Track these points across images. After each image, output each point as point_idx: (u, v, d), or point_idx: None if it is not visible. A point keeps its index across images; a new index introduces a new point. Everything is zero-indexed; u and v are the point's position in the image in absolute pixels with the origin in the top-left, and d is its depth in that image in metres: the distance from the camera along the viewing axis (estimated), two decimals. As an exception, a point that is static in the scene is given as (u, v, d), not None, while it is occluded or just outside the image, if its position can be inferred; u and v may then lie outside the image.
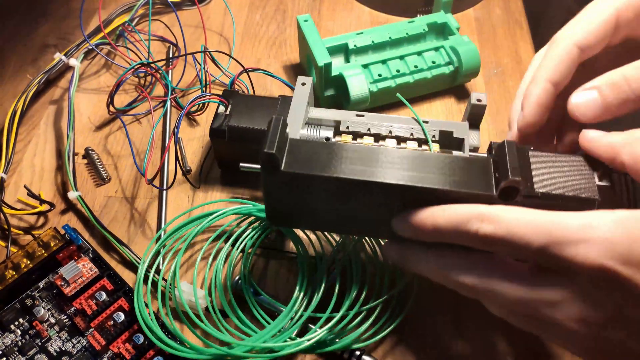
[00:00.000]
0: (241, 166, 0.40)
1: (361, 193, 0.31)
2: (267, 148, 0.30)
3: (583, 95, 0.32)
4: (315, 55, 0.45)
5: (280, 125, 0.31)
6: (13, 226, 0.42)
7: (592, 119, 0.33)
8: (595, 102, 0.32)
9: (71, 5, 0.60)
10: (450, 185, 0.30)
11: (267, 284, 0.40)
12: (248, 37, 0.57)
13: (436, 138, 0.39)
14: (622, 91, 0.31)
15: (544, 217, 0.26)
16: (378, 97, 0.48)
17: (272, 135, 0.31)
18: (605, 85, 0.32)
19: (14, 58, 0.55)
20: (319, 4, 0.60)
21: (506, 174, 0.29)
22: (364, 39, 0.49)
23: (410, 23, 0.51)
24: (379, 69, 0.48)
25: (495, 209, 0.27)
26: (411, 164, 0.31)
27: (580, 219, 0.25)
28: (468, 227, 0.28)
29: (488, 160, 0.31)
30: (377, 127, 0.40)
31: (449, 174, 0.30)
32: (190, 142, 0.48)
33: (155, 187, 0.45)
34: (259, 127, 0.41)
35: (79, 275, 0.38)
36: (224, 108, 0.42)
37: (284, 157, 0.31)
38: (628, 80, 0.31)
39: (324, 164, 0.31)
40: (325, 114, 0.41)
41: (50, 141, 0.49)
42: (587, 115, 0.32)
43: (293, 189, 0.32)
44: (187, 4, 0.59)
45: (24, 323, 0.37)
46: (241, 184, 0.45)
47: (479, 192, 0.29)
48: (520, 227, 0.26)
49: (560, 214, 0.26)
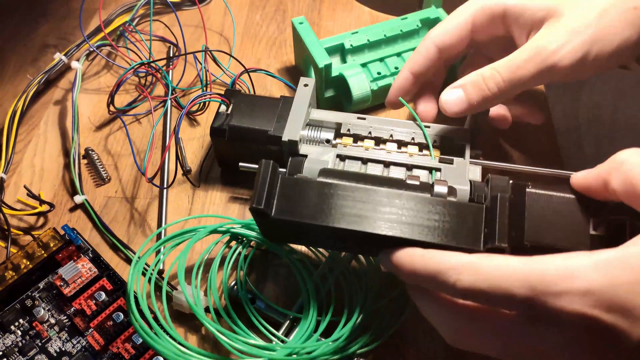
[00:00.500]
0: (241, 166, 0.40)
1: (352, 235, 0.31)
2: (255, 203, 0.31)
3: (451, 93, 0.37)
4: (314, 56, 0.45)
5: (269, 171, 0.32)
6: (13, 226, 0.42)
7: (459, 113, 0.37)
8: (461, 99, 0.37)
9: (71, 5, 0.60)
10: (439, 236, 0.30)
11: (265, 287, 0.40)
12: (248, 37, 0.57)
13: (437, 143, 0.39)
14: (481, 89, 0.36)
15: (525, 266, 0.26)
16: (378, 95, 0.48)
17: (261, 186, 0.31)
18: (468, 84, 0.36)
19: (14, 58, 0.55)
20: (319, 4, 0.60)
21: (493, 237, 0.29)
22: (360, 38, 0.49)
23: (403, 20, 0.51)
24: (377, 67, 0.48)
25: (474, 260, 0.27)
26: (403, 209, 0.31)
27: (560, 267, 0.25)
28: (445, 278, 0.27)
29: (480, 210, 0.31)
30: (378, 130, 0.40)
31: (440, 220, 0.30)
32: (191, 141, 0.48)
33: (155, 185, 0.45)
34: (259, 127, 0.41)
35: (78, 275, 0.38)
36: (225, 107, 0.42)
37: (274, 202, 0.32)
38: (485, 79, 0.36)
39: (315, 209, 0.31)
40: (327, 115, 0.41)
41: (51, 141, 0.49)
42: (454, 110, 0.37)
43: (285, 226, 0.33)
44: (187, 4, 0.59)
45: (24, 324, 0.37)
46: (241, 184, 0.45)
47: (466, 246, 0.30)
48: (502, 279, 0.26)
49: (541, 262, 0.26)
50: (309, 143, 0.40)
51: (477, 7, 0.38)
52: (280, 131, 0.39)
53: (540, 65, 0.34)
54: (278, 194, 0.32)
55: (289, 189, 0.32)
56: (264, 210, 0.31)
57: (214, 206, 0.44)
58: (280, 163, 0.39)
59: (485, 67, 0.36)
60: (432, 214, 0.31)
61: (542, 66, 0.34)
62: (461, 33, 0.39)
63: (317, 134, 0.41)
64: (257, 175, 0.32)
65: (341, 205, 0.31)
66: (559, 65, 0.34)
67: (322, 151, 0.39)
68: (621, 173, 0.28)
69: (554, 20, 0.35)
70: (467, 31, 0.39)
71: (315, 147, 0.40)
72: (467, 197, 0.35)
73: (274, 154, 0.40)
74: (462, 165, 0.38)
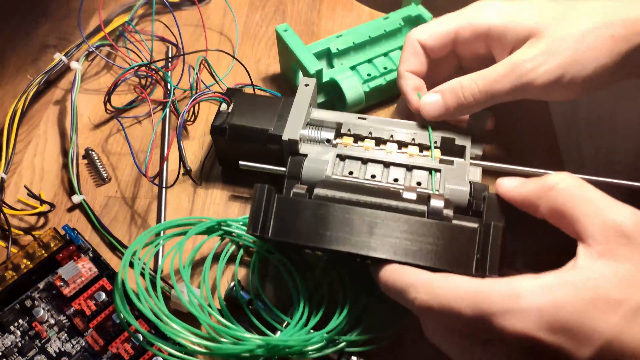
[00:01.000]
0: (241, 164, 0.40)
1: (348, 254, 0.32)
2: (251, 230, 0.32)
3: (430, 98, 0.39)
4: (304, 63, 0.45)
5: (264, 197, 0.32)
6: (13, 226, 0.42)
7: (436, 117, 0.39)
8: (438, 104, 0.39)
9: (71, 5, 0.60)
10: (431, 260, 0.30)
11: (265, 288, 0.40)
12: (248, 37, 0.57)
13: (438, 144, 0.39)
14: (458, 96, 0.38)
15: (474, 287, 0.26)
16: (371, 97, 0.48)
17: (256, 213, 0.32)
18: (447, 90, 0.38)
19: (14, 58, 0.55)
20: (319, 4, 0.60)
21: (484, 267, 0.30)
22: (345, 40, 0.48)
23: (385, 20, 0.50)
24: (366, 69, 0.48)
25: (431, 279, 0.28)
26: (398, 232, 0.31)
27: (507, 288, 0.26)
28: (407, 296, 0.28)
29: (474, 234, 0.31)
30: (379, 130, 0.40)
31: (434, 244, 0.31)
32: (191, 142, 0.48)
33: (156, 185, 0.45)
34: (260, 126, 0.40)
35: (78, 275, 0.38)
36: (226, 106, 0.42)
37: (270, 223, 0.32)
38: (462, 88, 0.38)
39: (310, 230, 0.32)
40: (328, 115, 0.41)
41: (51, 141, 0.49)
42: (432, 114, 0.39)
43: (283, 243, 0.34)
44: (187, 4, 0.59)
45: (23, 324, 0.37)
46: (242, 183, 0.45)
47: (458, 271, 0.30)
48: (452, 299, 0.27)
49: (490, 283, 0.26)
50: (309, 142, 0.40)
51: (463, 22, 0.39)
52: (281, 130, 0.39)
53: (516, 81, 0.36)
54: (274, 215, 0.32)
55: (284, 210, 0.32)
56: (259, 235, 0.32)
57: (215, 206, 0.44)
58: (280, 162, 0.40)
59: (465, 76, 0.38)
60: (426, 236, 0.31)
61: (518, 83, 0.36)
62: (443, 40, 0.40)
63: (318, 133, 0.41)
64: (253, 200, 0.32)
65: (336, 227, 0.32)
66: (534, 83, 0.35)
67: (322, 151, 0.39)
68: (549, 200, 0.29)
69: (534, 40, 0.36)
70: (450, 40, 0.40)
71: (315, 146, 0.40)
72: (467, 198, 0.35)
73: (274, 153, 0.40)
74: (463, 166, 0.38)
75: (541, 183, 0.29)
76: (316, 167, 0.37)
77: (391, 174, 0.38)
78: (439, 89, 0.39)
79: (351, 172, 0.38)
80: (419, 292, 0.28)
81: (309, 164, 0.37)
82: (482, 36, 0.39)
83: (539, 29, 0.36)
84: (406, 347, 0.37)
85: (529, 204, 0.30)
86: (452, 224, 0.31)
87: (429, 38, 0.40)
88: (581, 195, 0.28)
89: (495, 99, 0.37)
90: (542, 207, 0.29)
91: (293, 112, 0.40)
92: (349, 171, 0.38)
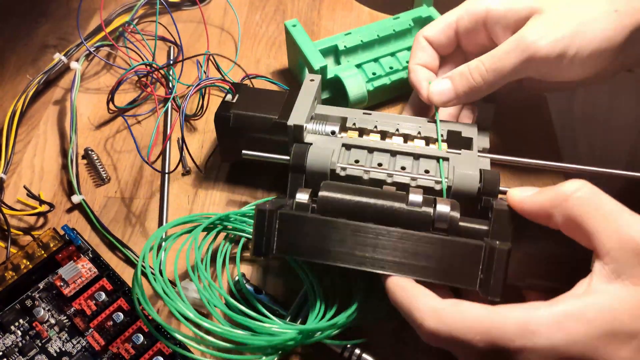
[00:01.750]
0: (244, 154, 0.39)
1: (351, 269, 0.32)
2: (254, 253, 0.32)
3: (439, 84, 0.39)
4: (309, 59, 0.45)
5: (265, 220, 0.32)
6: (13, 227, 0.42)
7: (446, 103, 0.39)
8: (449, 90, 0.39)
9: (71, 5, 0.60)
10: (436, 275, 0.30)
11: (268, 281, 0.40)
12: (248, 37, 0.57)
13: (444, 137, 0.39)
14: (467, 79, 0.38)
15: (487, 318, 0.26)
16: (375, 96, 0.48)
17: (259, 236, 0.32)
18: (456, 74, 0.38)
19: (14, 58, 0.55)
20: (319, 4, 0.60)
21: (487, 289, 0.29)
22: (353, 39, 0.48)
23: (395, 19, 0.51)
24: (372, 68, 0.48)
25: (439, 306, 0.27)
26: (401, 247, 0.31)
27: (520, 320, 0.25)
28: (413, 319, 0.28)
29: (478, 249, 0.30)
30: (384, 124, 0.40)
31: (439, 259, 0.30)
32: (191, 141, 0.48)
33: (157, 170, 0.45)
34: (265, 114, 0.40)
35: (78, 275, 0.38)
36: (231, 96, 0.42)
37: (274, 240, 0.32)
38: (471, 70, 0.38)
39: (313, 246, 0.31)
40: (332, 110, 0.41)
41: (50, 141, 0.49)
42: (442, 99, 0.39)
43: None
44: (187, 4, 0.59)
45: (24, 324, 0.37)
46: (242, 183, 0.45)
47: (462, 286, 0.30)
48: (463, 328, 0.26)
49: (502, 313, 0.26)
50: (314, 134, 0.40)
51: (462, 11, 0.40)
52: (286, 119, 0.39)
53: (520, 55, 0.36)
54: (277, 231, 0.32)
55: (287, 226, 0.32)
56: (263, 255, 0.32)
57: (214, 206, 0.44)
58: (285, 153, 0.39)
59: (474, 60, 0.38)
60: (430, 252, 0.30)
61: (522, 56, 0.36)
62: (446, 32, 0.41)
63: (322, 127, 0.40)
64: (255, 222, 0.32)
65: (339, 243, 0.31)
66: (537, 54, 0.36)
67: (327, 140, 0.38)
68: (564, 210, 0.28)
69: (537, 16, 0.37)
70: (452, 31, 0.41)
71: (321, 136, 0.39)
72: (477, 185, 0.35)
73: (278, 145, 0.40)
74: (471, 155, 0.37)
75: (556, 192, 0.28)
76: (321, 154, 0.36)
77: (398, 163, 0.37)
78: (447, 75, 0.39)
79: (357, 161, 0.37)
80: (425, 320, 0.27)
81: (314, 150, 0.37)
82: (481, 21, 0.39)
83: (540, 6, 0.36)
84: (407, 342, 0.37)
85: (543, 213, 0.29)
86: (457, 240, 0.31)
87: (434, 33, 0.41)
88: (598, 207, 0.27)
89: (504, 77, 0.37)
90: (557, 217, 0.28)
91: (298, 101, 0.40)
92: (355, 159, 0.37)
